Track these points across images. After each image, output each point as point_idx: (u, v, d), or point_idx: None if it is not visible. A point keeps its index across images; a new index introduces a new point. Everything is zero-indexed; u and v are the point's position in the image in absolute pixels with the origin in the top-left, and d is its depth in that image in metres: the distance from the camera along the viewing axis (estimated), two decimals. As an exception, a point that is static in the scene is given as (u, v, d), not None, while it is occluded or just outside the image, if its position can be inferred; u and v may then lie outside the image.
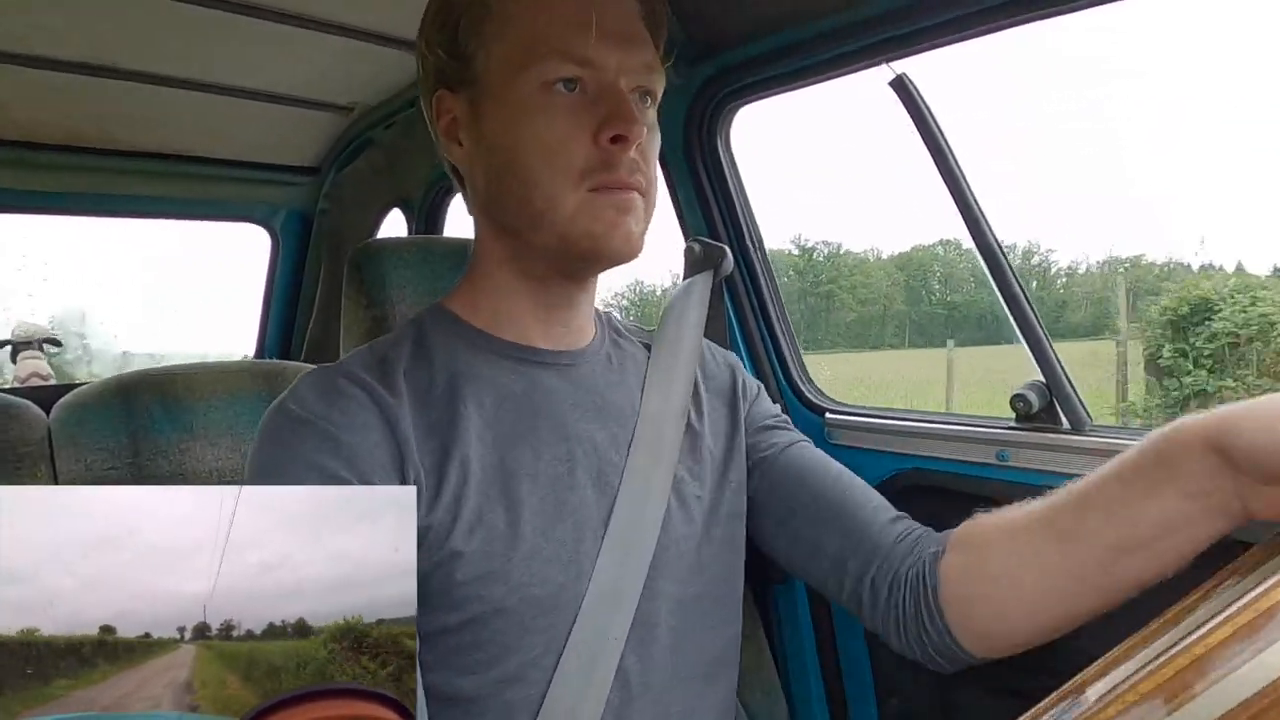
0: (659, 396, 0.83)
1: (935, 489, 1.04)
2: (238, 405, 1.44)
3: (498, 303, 0.78)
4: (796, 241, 8.93)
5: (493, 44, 0.71)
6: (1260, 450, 0.54)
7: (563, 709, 0.67)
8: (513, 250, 0.76)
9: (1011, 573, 0.69)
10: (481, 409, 0.72)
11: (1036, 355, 0.94)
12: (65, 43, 1.31)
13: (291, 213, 2.18)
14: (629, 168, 0.70)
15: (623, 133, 0.68)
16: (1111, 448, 0.86)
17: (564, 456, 0.74)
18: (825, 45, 1.02)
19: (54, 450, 1.28)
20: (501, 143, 0.71)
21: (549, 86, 0.69)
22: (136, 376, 1.37)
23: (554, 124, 0.69)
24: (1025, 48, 14.82)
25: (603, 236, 0.70)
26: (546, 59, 0.68)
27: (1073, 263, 15.62)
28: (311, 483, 0.63)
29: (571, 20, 0.69)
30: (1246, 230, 9.29)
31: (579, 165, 0.69)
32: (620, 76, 0.70)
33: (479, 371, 0.74)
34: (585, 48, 0.68)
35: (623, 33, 0.71)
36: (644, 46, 0.73)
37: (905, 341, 20.35)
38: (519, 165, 0.70)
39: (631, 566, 0.72)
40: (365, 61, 1.48)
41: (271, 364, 1.51)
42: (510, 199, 0.73)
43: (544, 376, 0.77)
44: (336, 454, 0.64)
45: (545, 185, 0.69)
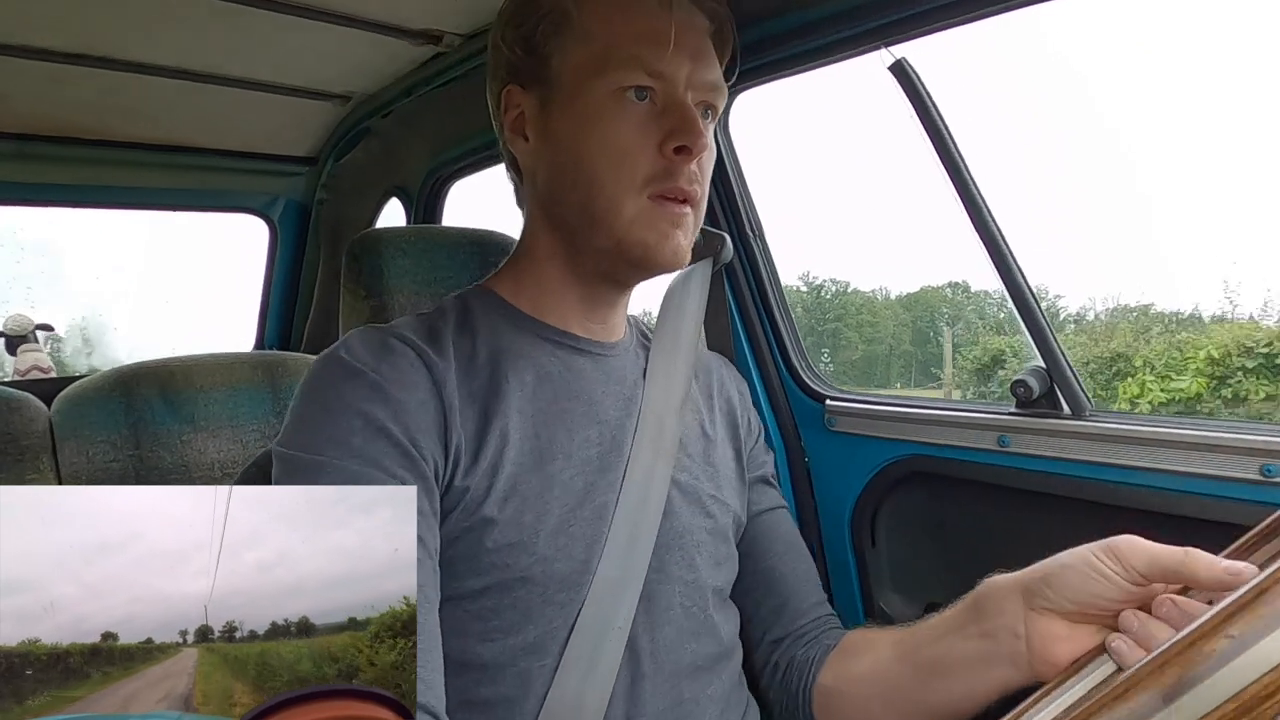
0: (659, 385, 0.85)
1: (936, 475, 1.04)
2: (238, 396, 1.44)
3: (542, 291, 0.81)
4: (804, 278, 8.99)
5: (571, 48, 0.74)
6: (1061, 580, 0.61)
7: (571, 688, 0.69)
8: (565, 247, 0.79)
9: (863, 678, 0.78)
10: (522, 384, 0.75)
11: (1037, 341, 0.94)
12: (64, 34, 1.31)
13: (290, 203, 2.18)
14: (689, 178, 0.73)
15: (687, 144, 0.71)
16: (1111, 433, 0.86)
17: (595, 440, 0.77)
18: (824, 30, 1.01)
19: (56, 443, 1.28)
20: (569, 143, 0.74)
21: (621, 94, 0.72)
22: (137, 369, 1.37)
23: (623, 130, 0.72)
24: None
25: (654, 247, 0.74)
26: (621, 67, 0.72)
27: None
28: (356, 430, 0.65)
29: (648, 33, 0.72)
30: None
31: (643, 173, 0.72)
32: (689, 90, 0.74)
33: (521, 349, 0.77)
34: (659, 60, 0.71)
35: (694, 49, 0.75)
36: (712, 64, 0.77)
37: (911, 381, 20.30)
38: (585, 167, 0.73)
39: (636, 555, 0.74)
40: (363, 51, 1.47)
41: (271, 355, 1.51)
42: (572, 198, 0.75)
43: (580, 362, 0.81)
44: (386, 405, 0.66)
45: (609, 188, 0.72)
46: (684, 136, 0.71)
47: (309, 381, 0.70)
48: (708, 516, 0.82)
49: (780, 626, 0.88)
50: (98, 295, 6.69)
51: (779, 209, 11.08)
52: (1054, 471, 0.92)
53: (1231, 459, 0.78)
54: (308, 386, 0.70)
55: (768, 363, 1.21)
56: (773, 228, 1.21)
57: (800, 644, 0.86)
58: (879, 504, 1.11)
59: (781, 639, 0.87)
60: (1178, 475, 0.82)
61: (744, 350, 1.21)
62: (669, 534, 0.78)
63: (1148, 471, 0.84)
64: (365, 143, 1.89)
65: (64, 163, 1.78)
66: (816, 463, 1.18)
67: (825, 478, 1.17)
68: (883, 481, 1.10)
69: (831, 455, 1.16)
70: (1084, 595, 0.59)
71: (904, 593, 1.11)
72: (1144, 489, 0.84)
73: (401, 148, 1.87)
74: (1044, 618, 0.62)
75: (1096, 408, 0.91)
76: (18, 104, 1.56)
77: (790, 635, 0.87)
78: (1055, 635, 0.62)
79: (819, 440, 1.17)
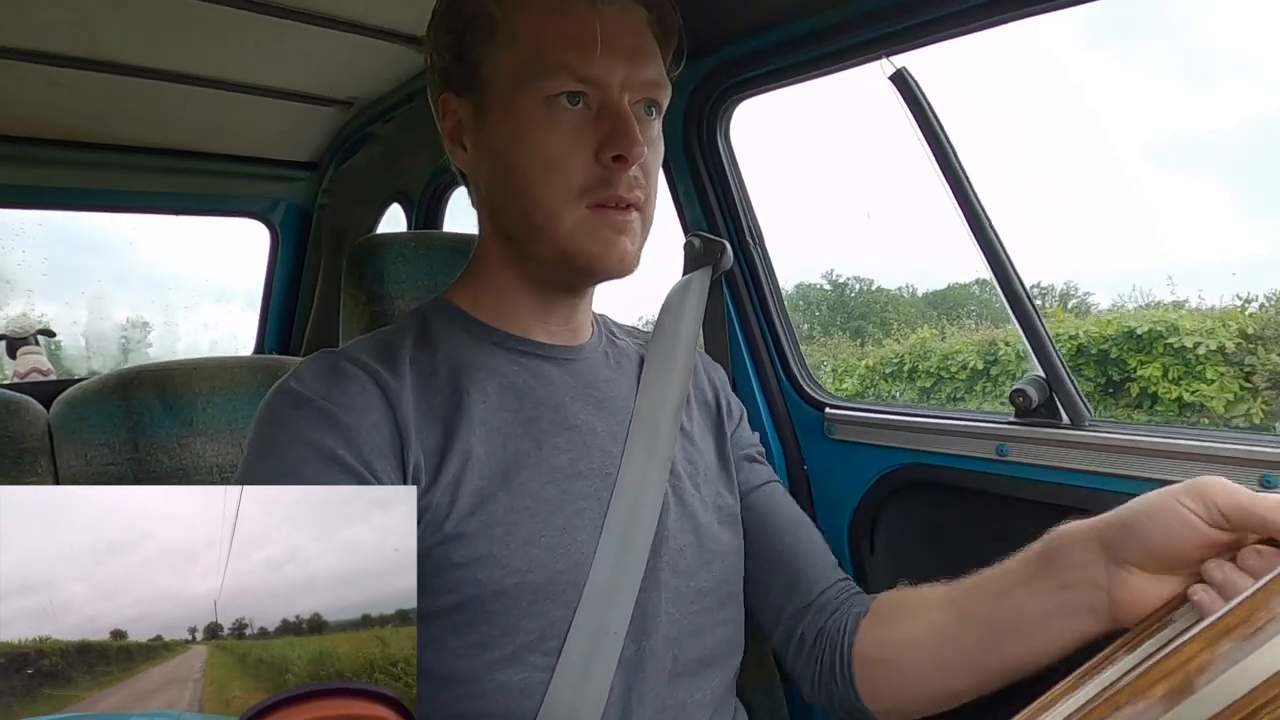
0: (655, 390, 0.84)
1: (935, 484, 1.05)
2: (237, 400, 1.44)
3: (500, 299, 0.80)
4: (828, 277, 8.95)
5: (499, 54, 0.72)
6: (1140, 529, 0.59)
7: (565, 698, 0.68)
8: (515, 255, 0.78)
9: (914, 643, 0.74)
10: (485, 397, 0.73)
11: (1036, 350, 0.94)
12: (66, 38, 1.31)
13: (291, 207, 2.18)
14: (628, 185, 0.71)
15: (623, 153, 0.69)
16: (1110, 443, 0.87)
17: (565, 446, 0.75)
18: (825, 39, 1.02)
19: (54, 446, 1.28)
20: (503, 153, 0.73)
21: (552, 101, 0.70)
22: (136, 372, 1.37)
23: (555, 139, 0.70)
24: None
25: (600, 256, 0.72)
26: (550, 74, 0.69)
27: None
28: (308, 460, 0.63)
29: (576, 36, 0.69)
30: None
31: (578, 182, 0.70)
32: (624, 93, 0.71)
33: (483, 361, 0.76)
34: (588, 65, 0.69)
35: (629, 48, 0.71)
36: (650, 61, 0.73)
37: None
38: (520, 178, 0.71)
39: (630, 559, 0.73)
40: (365, 56, 1.47)
41: (271, 359, 1.51)
42: (511, 209, 0.74)
43: (545, 368, 0.79)
44: (334, 432, 0.65)
45: (544, 200, 0.71)
46: (619, 144, 0.69)
47: (261, 414, 0.69)
48: (690, 518, 0.80)
49: (796, 599, 0.84)
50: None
51: (802, 208, 10.91)
52: (1053, 481, 0.92)
53: (1231, 469, 0.78)
54: (260, 419, 0.69)
55: (767, 370, 1.21)
56: (797, 228, 1.21)
57: (824, 614, 0.82)
58: (878, 512, 1.11)
59: (802, 611, 0.83)
60: (1176, 484, 0.82)
61: (743, 358, 1.22)
62: (658, 539, 0.76)
63: (1147, 481, 0.84)
64: (367, 148, 1.90)
65: (66, 166, 1.78)
66: (816, 471, 1.18)
67: (824, 486, 1.17)
68: (882, 490, 1.10)
69: (831, 463, 1.17)
70: (1167, 546, 0.58)
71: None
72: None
73: (403, 153, 1.88)
74: (1126, 569, 0.60)
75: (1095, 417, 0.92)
76: (20, 108, 1.56)
77: (811, 606, 0.83)
78: (1139, 586, 0.60)
79: (818, 448, 1.17)
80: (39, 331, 3.31)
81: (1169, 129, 8.82)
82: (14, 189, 1.83)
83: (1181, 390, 4.69)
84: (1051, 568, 0.65)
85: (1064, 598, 0.64)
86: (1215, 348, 4.61)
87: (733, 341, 1.21)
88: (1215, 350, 4.62)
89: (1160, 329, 4.82)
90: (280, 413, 0.67)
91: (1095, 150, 9.10)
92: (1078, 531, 0.65)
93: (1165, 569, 0.59)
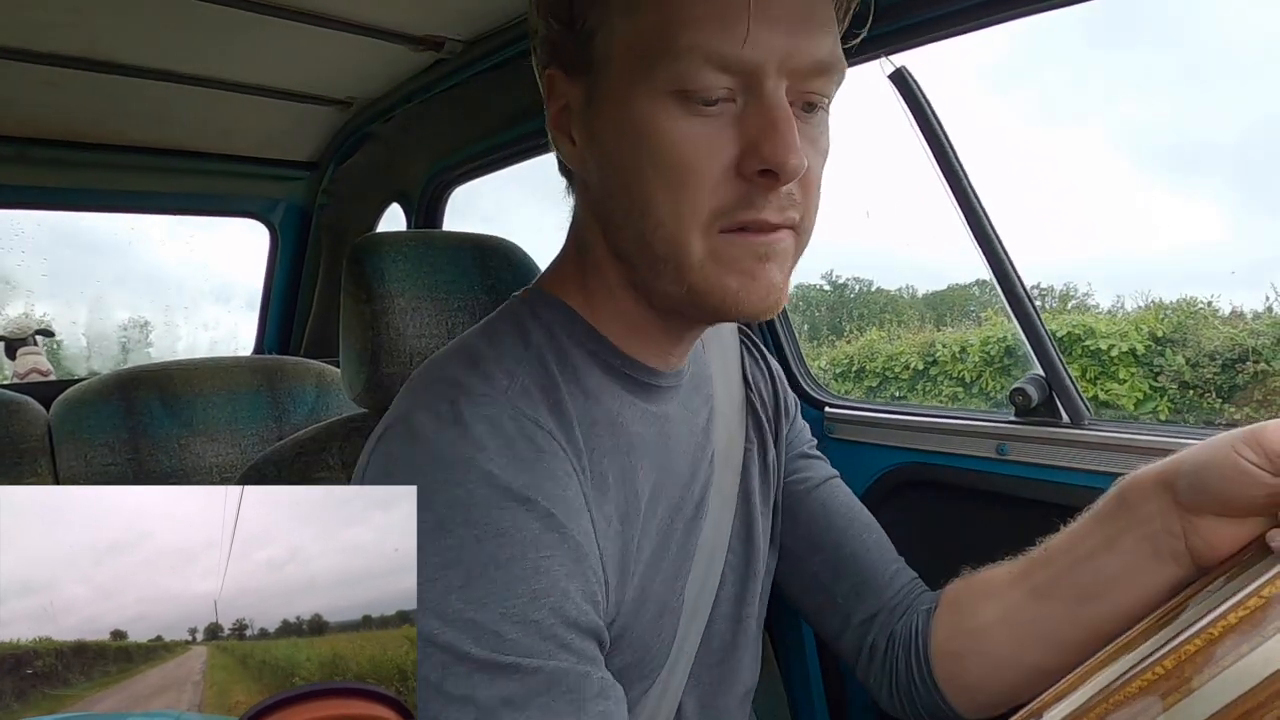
0: (722, 388, 0.77)
1: (935, 483, 1.05)
2: (237, 401, 1.44)
3: (628, 322, 0.64)
4: (828, 277, 8.86)
5: (617, 24, 0.54)
6: (1202, 480, 0.57)
7: (647, 712, 0.66)
8: (634, 280, 0.62)
9: (992, 627, 0.70)
10: (638, 465, 0.63)
11: (1036, 350, 0.94)
12: (65, 38, 1.31)
13: (291, 207, 2.18)
14: (778, 206, 0.54)
15: (774, 169, 0.52)
16: (1110, 442, 0.87)
17: (694, 499, 0.69)
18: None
19: (54, 446, 1.28)
20: (617, 157, 0.56)
21: (685, 95, 0.52)
22: (136, 372, 1.37)
23: (689, 146, 0.53)
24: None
25: (738, 292, 0.56)
26: (678, 56, 0.51)
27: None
28: (542, 605, 0.51)
29: (722, 11, 0.51)
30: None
31: (711, 204, 0.54)
32: (782, 80, 0.53)
33: (630, 416, 0.64)
34: (736, 45, 0.51)
35: (792, 18, 0.52)
36: (819, 34, 0.54)
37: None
38: (637, 192, 0.55)
39: (710, 578, 0.71)
40: (364, 56, 1.47)
41: (271, 359, 1.52)
42: (627, 230, 0.58)
43: (669, 409, 0.68)
44: (565, 554, 0.52)
45: (668, 225, 0.54)
46: (768, 156, 0.51)
47: (439, 504, 0.51)
48: (751, 542, 0.76)
49: (866, 605, 0.78)
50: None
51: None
52: (1053, 480, 0.92)
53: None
54: (443, 515, 0.50)
55: (767, 370, 1.21)
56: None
57: (895, 616, 0.77)
58: (878, 511, 1.10)
59: (872, 617, 0.77)
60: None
61: (744, 357, 1.21)
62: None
63: (1146, 479, 0.84)
64: (366, 148, 1.90)
65: (66, 167, 1.78)
66: (816, 470, 1.18)
67: (824, 485, 1.17)
68: (882, 489, 1.10)
69: (830, 463, 1.16)
70: (1230, 494, 0.56)
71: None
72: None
73: (402, 153, 1.88)
74: (1201, 516, 0.58)
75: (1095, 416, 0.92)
76: (20, 108, 1.56)
77: (881, 611, 0.77)
78: (1216, 530, 0.58)
79: (818, 447, 1.17)
80: (38, 332, 3.31)
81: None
82: (12, 189, 1.83)
83: (1098, 390, 4.90)
84: (1129, 522, 0.62)
85: (1147, 549, 0.61)
86: (1127, 350, 4.86)
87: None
88: (1127, 352, 4.86)
89: (1079, 332, 5.05)
90: (491, 516, 0.51)
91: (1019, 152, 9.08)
92: (1145, 481, 0.62)
93: (1239, 514, 0.57)
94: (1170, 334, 4.88)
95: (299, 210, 2.19)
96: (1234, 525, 0.57)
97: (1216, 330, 4.80)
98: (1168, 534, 0.60)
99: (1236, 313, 4.97)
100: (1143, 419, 4.66)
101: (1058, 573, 0.66)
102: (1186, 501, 0.59)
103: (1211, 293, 5.11)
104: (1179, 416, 4.73)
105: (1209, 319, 4.95)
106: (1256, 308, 4.89)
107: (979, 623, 0.71)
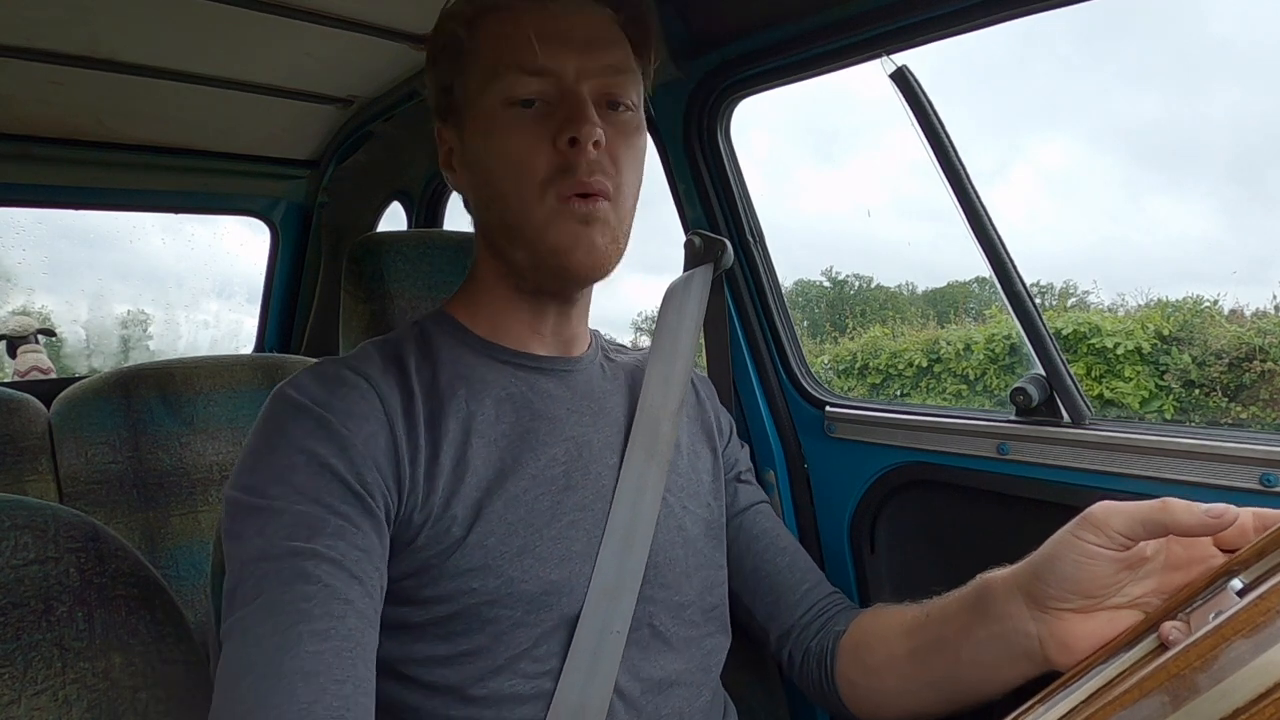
0: (658, 391, 0.84)
1: (936, 482, 1.04)
2: (237, 399, 1.44)
3: (495, 313, 0.80)
4: (828, 274, 8.99)
5: (467, 74, 0.75)
6: (1055, 573, 0.61)
7: (572, 699, 0.68)
8: (504, 268, 0.78)
9: (881, 671, 0.78)
10: (483, 410, 0.74)
11: (1037, 349, 0.94)
12: (66, 36, 1.31)
13: (291, 206, 2.19)
14: (588, 169, 0.70)
15: (575, 135, 0.69)
16: (1110, 442, 0.86)
17: (561, 458, 0.75)
18: (825, 37, 1.01)
19: (55, 444, 1.29)
20: (479, 164, 0.75)
21: (511, 103, 0.71)
22: (136, 370, 1.37)
23: (517, 137, 0.71)
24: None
25: (567, 250, 0.71)
26: (504, 75, 0.71)
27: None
28: (298, 467, 0.64)
29: (526, 36, 0.70)
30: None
31: (541, 174, 0.70)
32: (580, 81, 0.71)
33: (482, 375, 0.76)
34: (537, 57, 0.70)
35: (583, 39, 0.72)
36: (608, 49, 0.74)
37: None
38: (493, 182, 0.73)
39: (632, 560, 0.73)
40: (365, 55, 1.48)
41: (271, 357, 1.52)
42: (493, 217, 0.76)
43: (542, 381, 0.79)
44: (329, 441, 0.65)
45: (514, 198, 0.72)
46: (571, 127, 0.69)
47: (260, 420, 0.69)
48: (679, 530, 0.80)
49: (780, 622, 0.87)
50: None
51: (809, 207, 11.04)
52: (1053, 479, 0.92)
53: (1231, 468, 0.78)
54: (258, 425, 0.69)
55: (767, 369, 1.21)
56: (801, 226, 1.21)
57: (809, 633, 0.86)
58: (878, 511, 1.11)
59: (787, 633, 0.87)
60: (1177, 484, 0.81)
61: (744, 356, 1.21)
62: (650, 548, 0.76)
63: (1147, 480, 0.84)
64: (367, 146, 1.90)
65: (66, 165, 1.79)
66: (816, 469, 1.18)
67: (824, 484, 1.17)
68: (882, 488, 1.10)
69: (831, 462, 1.16)
70: (1083, 579, 0.59)
71: (903, 600, 1.11)
72: (1143, 497, 0.84)
73: (403, 152, 1.88)
74: (1051, 615, 0.62)
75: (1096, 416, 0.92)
76: (21, 106, 1.56)
77: (794, 628, 0.87)
78: (1067, 629, 0.61)
79: (818, 447, 1.17)
80: (39, 330, 3.32)
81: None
82: (14, 187, 1.83)
83: (1103, 388, 4.90)
84: (983, 618, 0.68)
85: (998, 647, 0.66)
86: (1133, 348, 4.85)
87: (733, 340, 1.21)
88: (1133, 350, 4.85)
89: (1084, 330, 5.04)
90: (277, 417, 0.67)
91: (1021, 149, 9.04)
92: (1000, 584, 0.67)
93: (1090, 602, 0.61)
94: (1176, 332, 4.86)
95: (300, 208, 2.19)
96: (1086, 620, 0.61)
97: (1223, 328, 4.79)
98: (1020, 634, 0.64)
99: (1236, 311, 4.99)
100: (1148, 418, 4.65)
101: (930, 644, 0.74)
102: (1041, 600, 0.63)
103: (1217, 291, 5.10)
104: (1184, 416, 4.72)
105: (1215, 317, 4.94)
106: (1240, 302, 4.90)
107: (873, 662, 0.79)
